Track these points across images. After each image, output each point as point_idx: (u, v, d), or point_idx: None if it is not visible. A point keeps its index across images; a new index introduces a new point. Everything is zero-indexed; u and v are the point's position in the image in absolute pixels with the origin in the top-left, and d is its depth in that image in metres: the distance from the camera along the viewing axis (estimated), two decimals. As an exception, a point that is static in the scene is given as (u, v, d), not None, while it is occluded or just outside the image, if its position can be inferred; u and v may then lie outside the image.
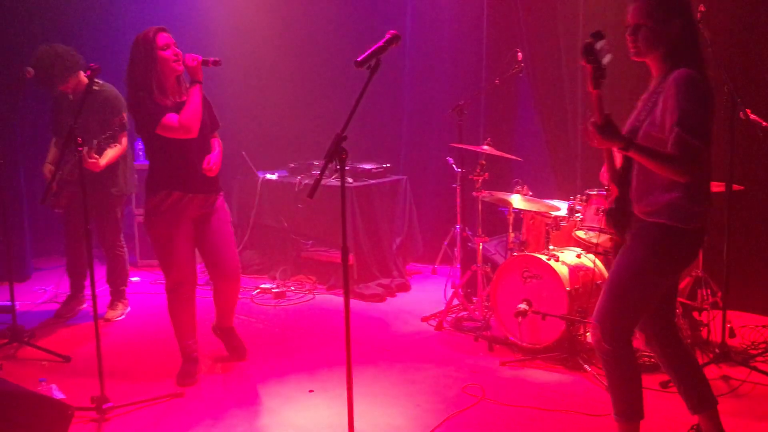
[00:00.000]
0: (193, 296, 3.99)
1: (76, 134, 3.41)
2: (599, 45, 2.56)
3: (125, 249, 5.23)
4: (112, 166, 4.86)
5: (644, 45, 2.73)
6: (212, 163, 3.86)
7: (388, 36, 2.79)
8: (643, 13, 2.71)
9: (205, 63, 3.77)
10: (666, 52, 2.72)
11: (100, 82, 4.79)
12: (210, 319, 4.35)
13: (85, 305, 5.23)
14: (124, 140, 4.88)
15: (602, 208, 4.09)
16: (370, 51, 2.72)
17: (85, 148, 4.45)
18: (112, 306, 5.17)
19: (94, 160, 4.57)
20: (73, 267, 5.17)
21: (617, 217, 2.88)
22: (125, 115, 4.78)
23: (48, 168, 4.97)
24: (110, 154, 4.73)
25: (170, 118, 3.68)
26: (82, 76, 4.80)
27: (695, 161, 2.58)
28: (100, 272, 5.24)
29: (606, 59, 2.57)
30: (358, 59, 2.70)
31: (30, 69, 4.59)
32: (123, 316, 5.16)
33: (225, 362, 4.25)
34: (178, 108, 3.74)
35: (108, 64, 4.11)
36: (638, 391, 2.90)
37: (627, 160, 2.83)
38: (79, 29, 6.65)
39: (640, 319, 2.88)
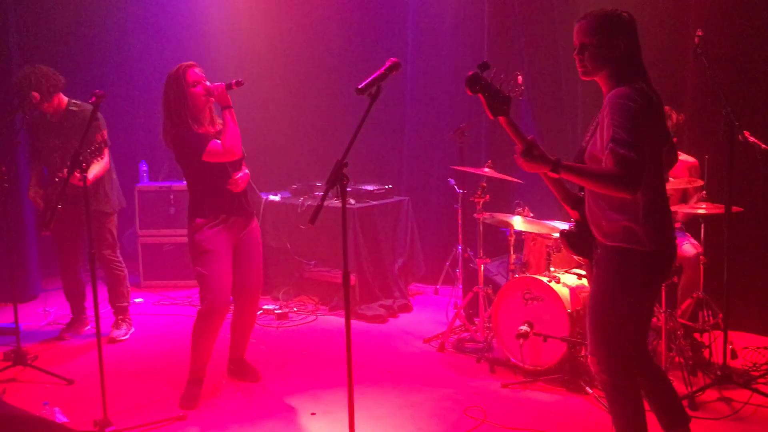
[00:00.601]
0: (221, 323, 4.02)
1: (81, 159, 3.46)
2: (488, 74, 2.57)
3: (124, 266, 5.25)
4: (101, 184, 4.92)
5: (591, 64, 2.73)
6: (239, 177, 3.99)
7: (388, 63, 2.84)
8: (589, 32, 2.72)
9: (228, 87, 3.91)
10: (612, 71, 2.72)
11: (78, 102, 4.91)
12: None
13: (89, 326, 5.26)
14: (107, 156, 4.94)
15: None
16: (371, 78, 2.76)
17: (75, 168, 4.52)
18: (116, 325, 5.19)
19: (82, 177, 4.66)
20: (70, 290, 5.20)
21: (575, 240, 2.89)
22: (105, 132, 4.92)
23: (36, 192, 4.93)
24: (96, 169, 4.79)
25: (214, 144, 3.88)
26: (62, 97, 4.87)
27: (632, 173, 2.51)
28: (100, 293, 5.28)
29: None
30: (360, 86, 2.74)
31: (36, 94, 4.65)
32: (127, 336, 5.16)
33: (227, 385, 4.26)
34: (216, 137, 3.93)
35: (110, 88, 4.20)
36: (642, 422, 2.86)
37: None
38: (84, 53, 6.75)
39: (633, 345, 2.82)
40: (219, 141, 3.88)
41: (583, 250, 2.89)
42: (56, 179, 4.76)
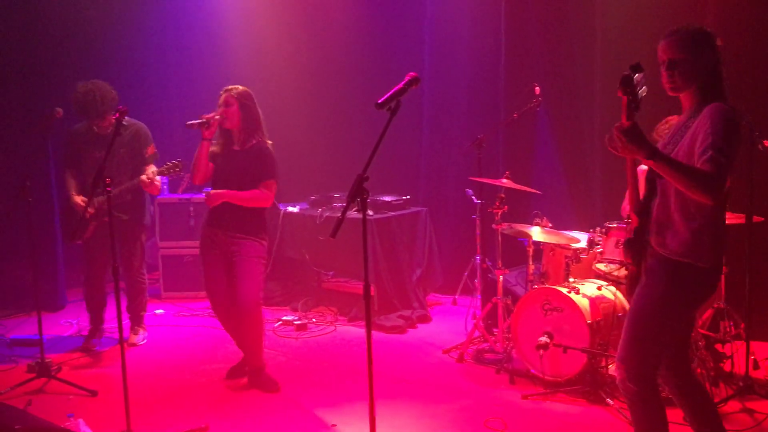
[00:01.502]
0: (222, 319, 4.49)
1: (105, 172, 3.54)
2: (637, 77, 2.56)
3: (146, 276, 5.41)
4: (142, 196, 5.04)
5: (681, 79, 2.75)
6: (210, 192, 4.30)
7: (407, 78, 2.85)
8: (679, 48, 2.74)
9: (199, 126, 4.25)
10: (699, 85, 2.76)
11: (127, 118, 4.96)
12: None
13: (104, 338, 5.36)
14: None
15: (621, 240, 4.11)
16: (390, 93, 2.78)
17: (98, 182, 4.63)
18: (134, 331, 5.34)
19: (156, 183, 4.92)
20: (94, 299, 5.28)
21: (635, 249, 2.89)
22: (153, 146, 5.11)
23: (81, 199, 4.99)
24: (158, 178, 4.96)
25: None
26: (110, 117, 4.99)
27: (723, 182, 2.56)
28: (110, 306, 5.34)
29: (642, 92, 2.57)
30: (379, 101, 2.77)
31: (59, 109, 4.75)
32: (145, 341, 5.34)
33: (248, 395, 4.29)
34: (233, 155, 4.34)
35: (130, 102, 4.36)
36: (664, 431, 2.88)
37: (650, 191, 2.85)
38: (106, 67, 6.83)
39: (663, 358, 2.86)
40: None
41: (637, 258, 2.91)
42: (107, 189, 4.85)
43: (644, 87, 2.58)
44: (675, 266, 2.74)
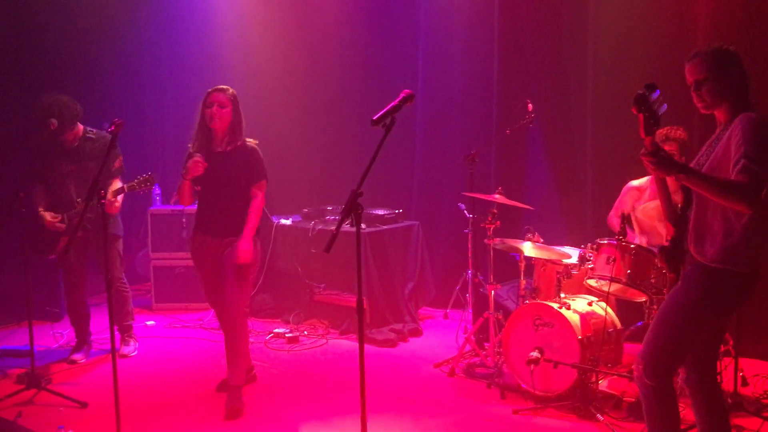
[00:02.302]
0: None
1: (99, 186, 3.53)
2: (653, 96, 2.64)
3: (128, 286, 5.37)
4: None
5: (710, 98, 2.86)
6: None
7: (402, 95, 2.88)
8: (704, 68, 2.85)
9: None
10: (731, 101, 2.85)
11: (94, 130, 5.03)
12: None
13: (92, 349, 5.32)
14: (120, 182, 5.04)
15: (612, 256, 4.15)
16: (385, 110, 2.81)
17: (108, 193, 4.66)
18: (124, 342, 5.32)
19: (117, 204, 4.84)
20: (77, 314, 5.22)
21: (670, 255, 2.97)
22: (120, 159, 5.07)
23: (50, 215, 4.89)
24: (119, 196, 4.90)
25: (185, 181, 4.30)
26: (79, 125, 4.98)
27: (759, 190, 2.63)
28: (98, 318, 5.34)
29: (662, 109, 2.66)
30: (374, 118, 2.80)
31: (54, 120, 4.75)
32: (135, 352, 5.31)
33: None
34: (218, 157, 4.25)
35: (123, 113, 4.38)
36: (676, 428, 2.97)
37: (686, 201, 2.92)
38: (97, 78, 6.86)
39: (684, 359, 2.94)
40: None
41: (675, 266, 2.97)
42: (76, 207, 4.84)
43: (665, 105, 2.67)
44: (712, 273, 2.80)
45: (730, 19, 4.98)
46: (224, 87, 4.30)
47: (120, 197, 4.89)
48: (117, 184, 4.94)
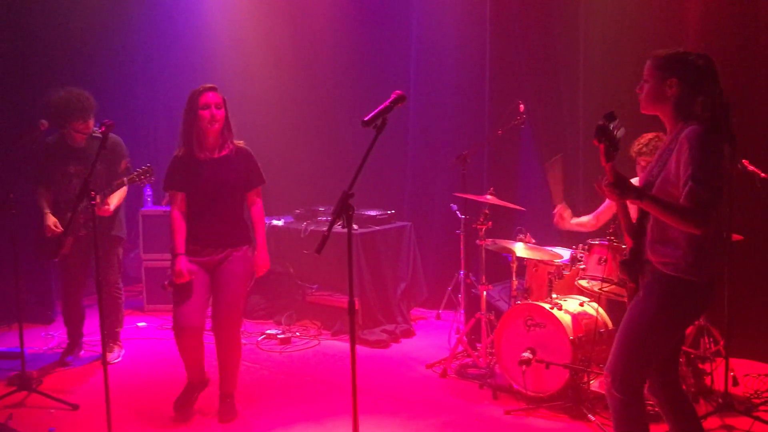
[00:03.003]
0: (190, 344, 4.01)
1: (90, 186, 3.50)
2: (612, 125, 2.67)
3: (122, 292, 5.32)
4: (118, 210, 4.99)
5: (645, 100, 2.90)
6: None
7: (394, 96, 2.88)
8: (647, 71, 2.89)
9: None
10: (673, 109, 2.84)
11: (101, 130, 4.94)
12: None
13: (83, 351, 5.28)
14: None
15: (603, 257, 4.16)
16: (376, 111, 2.81)
17: (99, 196, 4.61)
18: (108, 348, 5.17)
19: (107, 207, 4.73)
20: (72, 315, 5.17)
21: (632, 268, 2.98)
22: (128, 160, 5.01)
23: (52, 222, 4.83)
24: (116, 199, 4.85)
25: (172, 197, 4.11)
26: (91, 122, 4.92)
27: (707, 214, 2.65)
28: (91, 320, 5.31)
29: (620, 133, 2.69)
30: (365, 119, 2.79)
31: (44, 121, 4.72)
32: (119, 359, 5.24)
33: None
34: (212, 164, 3.99)
35: (116, 113, 4.30)
36: None
37: (642, 213, 2.93)
38: (91, 78, 6.82)
39: (650, 369, 2.93)
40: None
41: (635, 276, 2.99)
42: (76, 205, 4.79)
43: (622, 129, 2.70)
44: (671, 281, 2.80)
45: (719, 19, 5.00)
46: (213, 85, 4.04)
47: (117, 198, 4.86)
48: (119, 192, 4.88)
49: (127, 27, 7.24)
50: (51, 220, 4.84)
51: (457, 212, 5.20)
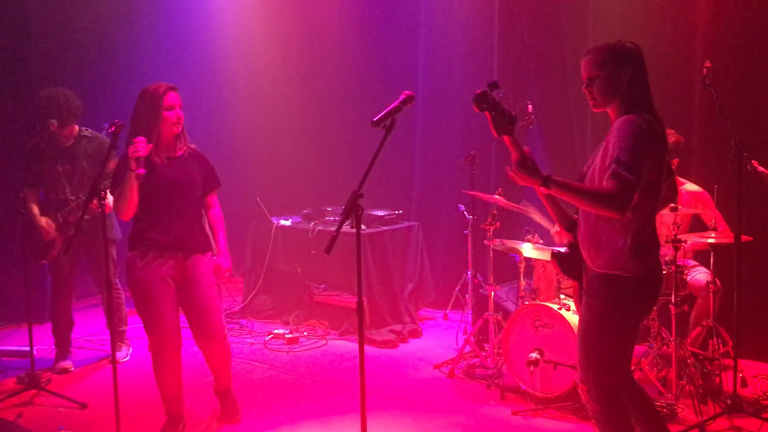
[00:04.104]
0: (175, 358, 3.81)
1: (100, 188, 3.49)
2: (498, 94, 2.63)
3: (122, 291, 5.28)
4: (111, 212, 4.99)
5: (600, 96, 2.81)
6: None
7: (402, 97, 2.88)
8: (595, 66, 2.79)
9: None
10: (621, 101, 2.79)
11: (88, 129, 4.98)
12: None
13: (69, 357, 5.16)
14: None
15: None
16: (385, 111, 2.81)
17: (106, 195, 4.61)
18: (117, 348, 5.22)
19: (107, 202, 4.70)
20: (62, 320, 5.05)
21: (567, 263, 2.94)
22: (117, 161, 4.92)
23: (45, 221, 4.80)
24: (112, 198, 4.85)
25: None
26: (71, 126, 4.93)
27: (625, 194, 2.56)
28: (91, 321, 5.31)
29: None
30: (374, 119, 2.80)
31: (53, 121, 4.74)
32: (128, 357, 5.26)
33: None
34: (167, 165, 3.74)
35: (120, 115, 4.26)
36: None
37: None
38: (92, 78, 6.85)
39: (621, 371, 2.87)
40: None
41: (574, 272, 2.95)
42: (70, 205, 4.80)
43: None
44: (607, 280, 2.75)
45: (728, 22, 4.99)
46: (173, 84, 3.79)
47: (110, 197, 4.84)
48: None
49: (135, 27, 7.27)
50: (43, 221, 4.81)
51: (465, 212, 5.19)
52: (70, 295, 5.10)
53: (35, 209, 4.86)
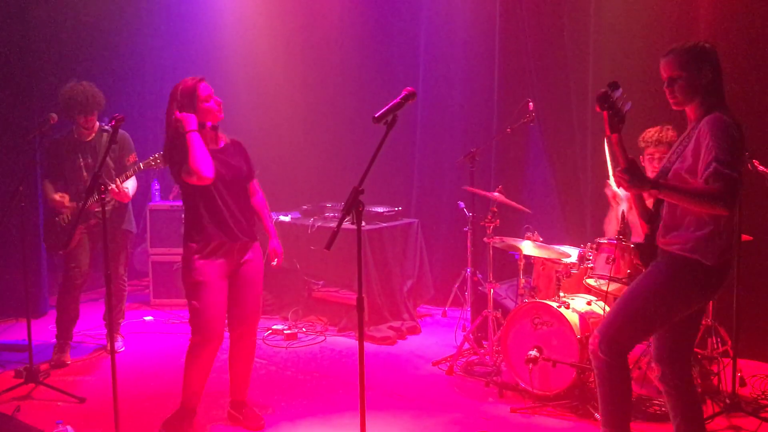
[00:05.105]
0: (212, 355, 3.80)
1: (100, 179, 3.50)
2: (616, 94, 2.71)
3: (126, 284, 5.37)
4: (128, 205, 5.03)
5: (682, 95, 2.92)
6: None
7: (404, 93, 2.88)
8: (677, 66, 2.90)
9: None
10: (702, 99, 2.89)
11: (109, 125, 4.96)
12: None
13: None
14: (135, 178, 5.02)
15: (612, 256, 4.15)
16: (387, 107, 2.81)
17: (116, 182, 4.65)
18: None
19: (125, 191, 4.81)
20: (66, 312, 5.04)
21: (645, 252, 3.04)
22: (135, 154, 5.05)
23: (59, 195, 4.84)
24: (131, 183, 4.92)
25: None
26: (93, 118, 4.97)
27: (734, 193, 2.68)
28: (88, 313, 5.31)
29: (626, 107, 2.74)
30: (376, 115, 2.79)
31: (54, 115, 4.72)
32: (123, 348, 5.31)
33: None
34: (217, 156, 3.72)
35: (124, 108, 4.26)
36: (627, 407, 3.05)
37: (658, 199, 2.97)
38: (98, 72, 6.84)
39: (640, 340, 3.03)
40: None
41: (648, 261, 3.05)
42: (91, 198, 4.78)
43: (629, 103, 2.75)
44: (678, 260, 2.87)
45: (730, 20, 4.98)
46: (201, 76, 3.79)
47: (131, 185, 4.90)
48: (132, 180, 4.93)
49: (139, 22, 7.26)
50: (56, 195, 4.85)
51: (465, 210, 5.19)
52: (82, 287, 5.10)
53: (49, 190, 4.89)
